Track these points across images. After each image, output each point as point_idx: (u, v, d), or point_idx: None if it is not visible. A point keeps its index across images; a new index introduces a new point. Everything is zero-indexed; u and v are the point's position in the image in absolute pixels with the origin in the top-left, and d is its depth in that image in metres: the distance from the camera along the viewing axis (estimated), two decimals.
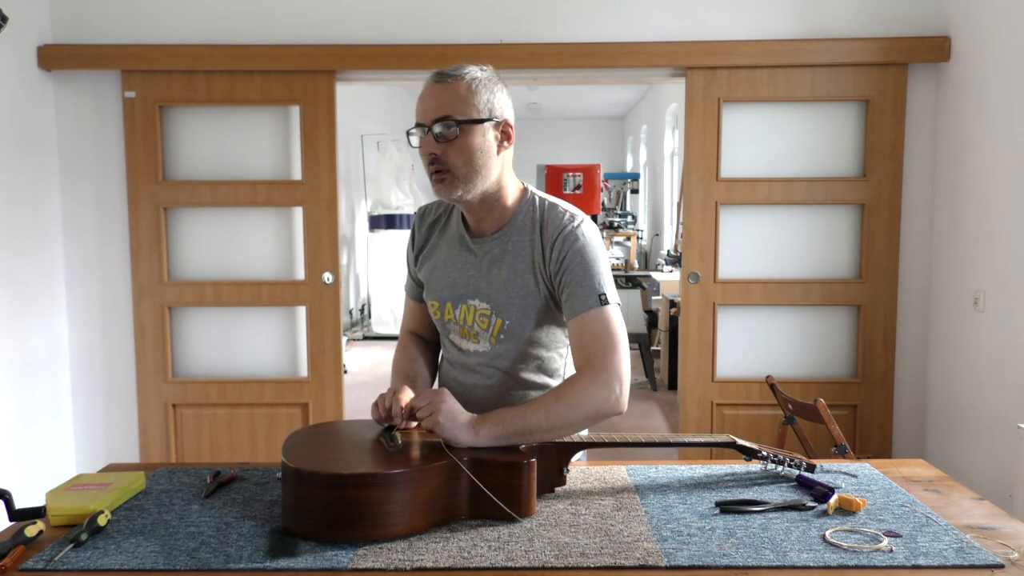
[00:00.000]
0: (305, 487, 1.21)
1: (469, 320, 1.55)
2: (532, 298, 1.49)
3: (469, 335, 1.56)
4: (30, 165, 3.30)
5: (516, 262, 1.50)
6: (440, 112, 1.43)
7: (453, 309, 1.56)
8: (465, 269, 1.55)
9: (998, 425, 2.90)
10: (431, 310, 1.61)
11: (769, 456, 1.48)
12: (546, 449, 1.38)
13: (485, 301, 1.53)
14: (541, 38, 3.37)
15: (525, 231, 1.51)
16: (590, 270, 1.44)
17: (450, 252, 1.58)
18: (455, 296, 1.56)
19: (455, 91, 1.43)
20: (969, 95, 3.15)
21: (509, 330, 1.51)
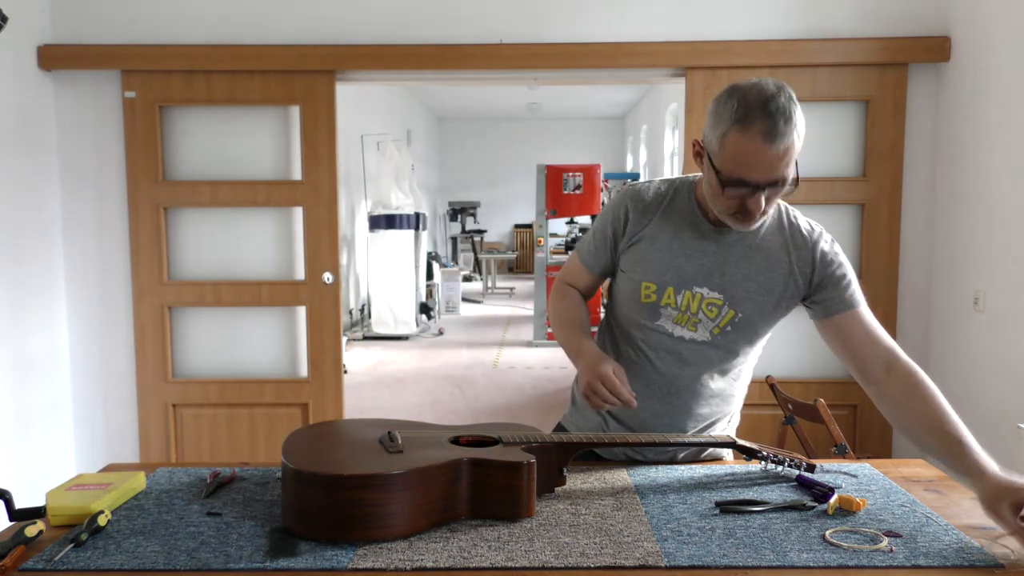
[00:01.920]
0: (305, 488, 1.21)
1: (694, 307, 1.51)
2: (772, 296, 1.52)
3: (687, 322, 1.53)
4: (30, 165, 3.30)
5: (761, 259, 1.51)
6: (776, 175, 1.37)
7: (675, 294, 1.52)
8: (696, 257, 1.51)
9: (998, 425, 2.90)
10: (643, 292, 1.53)
11: (769, 456, 1.48)
12: (546, 449, 1.38)
13: (717, 291, 1.51)
14: (541, 38, 3.37)
15: (774, 227, 1.53)
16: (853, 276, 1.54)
17: (678, 237, 1.53)
18: (680, 281, 1.52)
19: (790, 152, 1.37)
20: (969, 95, 3.15)
21: (740, 324, 1.52)
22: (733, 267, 1.51)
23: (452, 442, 1.38)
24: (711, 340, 1.54)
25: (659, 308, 1.54)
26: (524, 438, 1.40)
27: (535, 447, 1.37)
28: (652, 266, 1.54)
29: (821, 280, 1.52)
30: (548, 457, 1.38)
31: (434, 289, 9.62)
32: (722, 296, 1.51)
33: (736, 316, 1.51)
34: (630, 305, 1.58)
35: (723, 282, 1.51)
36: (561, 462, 1.40)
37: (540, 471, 1.32)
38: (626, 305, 1.59)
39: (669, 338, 1.55)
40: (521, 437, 1.40)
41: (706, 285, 1.51)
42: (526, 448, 1.35)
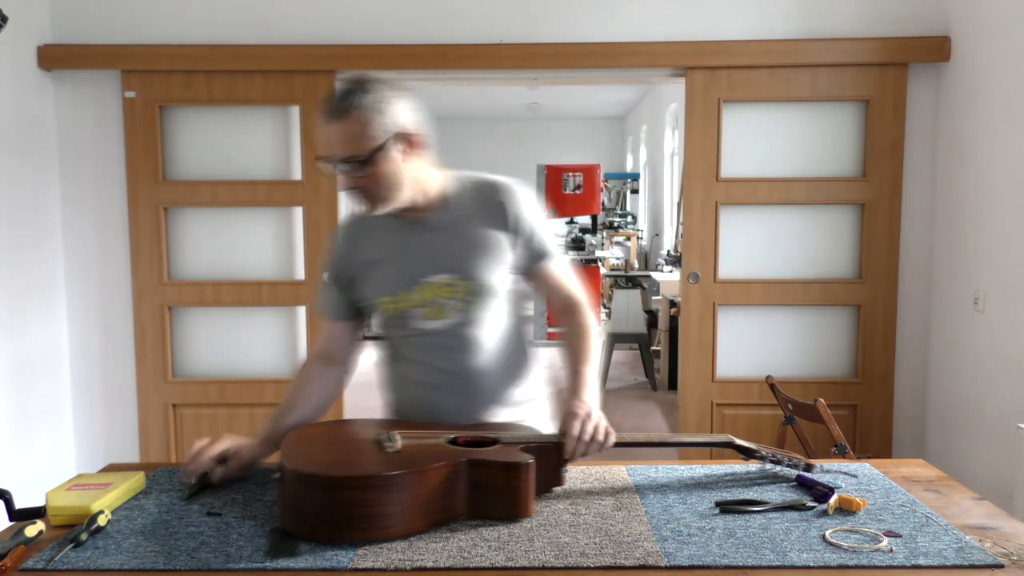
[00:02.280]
0: (303, 488, 1.21)
1: (429, 297, 1.56)
2: (491, 251, 1.56)
3: (436, 314, 1.56)
4: (30, 165, 3.30)
5: (463, 226, 1.56)
6: (344, 152, 1.43)
7: (408, 294, 1.56)
8: (409, 251, 1.57)
9: (998, 425, 2.90)
10: (383, 309, 1.59)
11: (767, 456, 1.48)
12: (544, 449, 1.37)
13: (444, 272, 1.55)
14: (541, 38, 3.37)
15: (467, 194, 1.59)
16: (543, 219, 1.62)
17: (382, 245, 1.58)
18: (407, 281, 1.56)
19: (351, 128, 1.43)
20: (969, 95, 3.15)
21: (476, 290, 1.55)
22: (445, 245, 1.56)
23: (450, 443, 1.37)
24: (464, 318, 1.57)
25: (405, 314, 1.57)
26: (522, 438, 1.39)
27: (533, 447, 1.36)
28: (376, 283, 1.58)
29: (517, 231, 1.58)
30: (546, 457, 1.37)
31: None
32: (450, 275, 1.55)
33: (470, 284, 1.55)
34: (383, 327, 1.64)
35: (445, 262, 1.56)
36: (559, 462, 1.40)
37: (538, 471, 1.32)
38: (387, 330, 1.65)
39: (429, 335, 1.58)
40: (519, 438, 1.40)
41: (430, 272, 1.56)
42: (524, 448, 1.35)
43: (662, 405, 5.54)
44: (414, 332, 1.58)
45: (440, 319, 1.56)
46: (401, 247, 1.57)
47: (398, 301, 1.57)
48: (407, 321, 1.58)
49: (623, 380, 6.27)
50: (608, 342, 5.96)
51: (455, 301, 1.55)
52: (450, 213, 1.57)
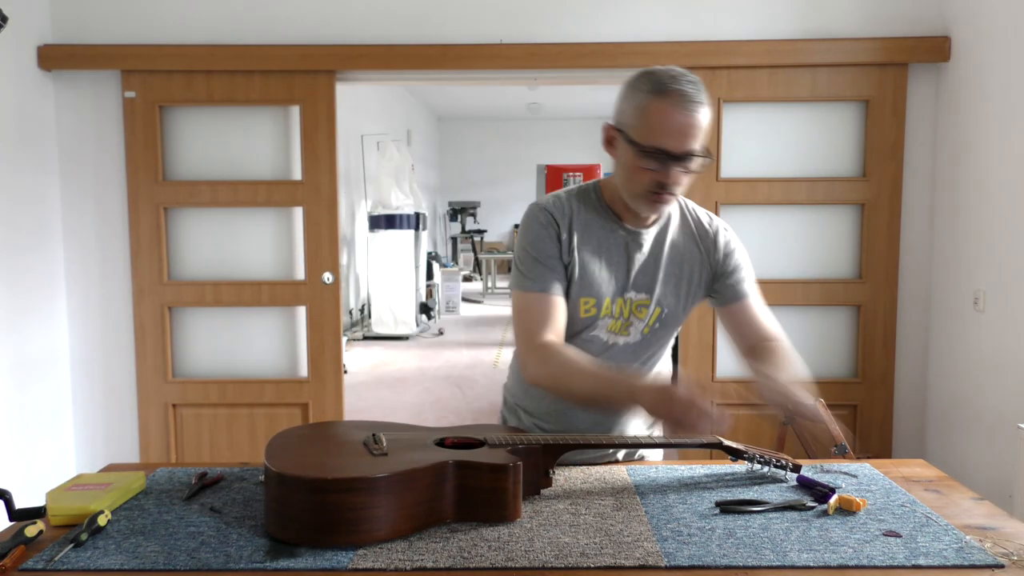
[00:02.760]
0: (288, 491, 1.20)
1: (626, 313, 1.54)
2: (691, 287, 1.58)
3: (620, 327, 1.54)
4: (30, 165, 3.30)
5: (675, 252, 1.57)
6: (694, 145, 1.40)
7: (611, 304, 1.54)
8: (621, 262, 1.54)
9: (998, 425, 2.90)
10: (582, 307, 1.52)
11: (755, 457, 1.47)
12: (531, 451, 1.37)
13: (644, 292, 1.55)
14: (541, 38, 3.37)
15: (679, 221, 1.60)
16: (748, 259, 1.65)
17: (600, 245, 1.53)
18: (615, 291, 1.54)
19: (703, 124, 1.40)
20: (969, 95, 3.15)
21: (665, 319, 1.56)
22: (652, 265, 1.55)
23: (437, 444, 1.37)
24: (641, 340, 1.57)
25: (598, 321, 1.55)
26: (510, 440, 1.39)
27: (521, 449, 1.36)
28: (588, 280, 1.53)
29: (724, 267, 1.61)
30: (534, 459, 1.37)
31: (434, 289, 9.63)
32: (648, 296, 1.55)
33: (663, 313, 1.56)
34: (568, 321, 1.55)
35: (647, 282, 1.55)
36: (547, 463, 1.39)
37: (526, 473, 1.31)
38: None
39: (603, 347, 1.56)
40: (507, 439, 1.39)
41: (634, 288, 1.54)
42: (512, 450, 1.35)
43: None
44: (592, 340, 1.55)
45: (623, 336, 1.56)
46: (615, 253, 1.54)
47: (600, 306, 1.53)
48: (594, 327, 1.54)
49: None
50: None
51: (641, 323, 1.55)
52: (660, 233, 1.57)
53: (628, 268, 1.54)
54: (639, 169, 1.42)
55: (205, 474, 1.48)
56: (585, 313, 1.54)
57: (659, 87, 1.39)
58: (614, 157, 1.50)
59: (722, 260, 1.60)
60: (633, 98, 1.43)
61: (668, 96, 1.38)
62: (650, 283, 1.54)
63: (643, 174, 1.42)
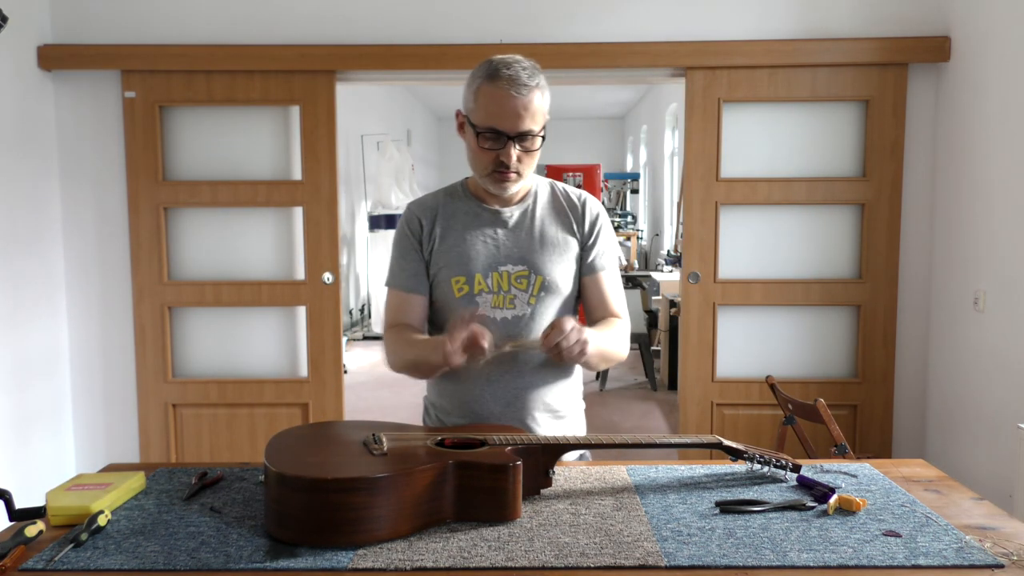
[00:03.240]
0: (288, 491, 1.20)
1: (505, 285, 1.61)
2: (566, 254, 1.65)
3: (504, 302, 1.61)
4: (30, 165, 3.30)
5: (546, 224, 1.65)
6: (526, 126, 1.52)
7: (484, 279, 1.61)
8: (490, 240, 1.63)
9: (998, 425, 2.90)
10: (455, 287, 1.61)
11: (755, 457, 1.47)
12: (531, 451, 1.37)
13: (520, 264, 1.62)
14: (541, 38, 3.37)
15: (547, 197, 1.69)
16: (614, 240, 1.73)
17: (467, 229, 1.64)
18: (485, 266, 1.61)
19: (534, 103, 1.52)
20: (969, 95, 3.15)
21: (548, 286, 1.62)
22: (525, 239, 1.64)
23: (437, 444, 1.37)
24: (532, 311, 1.62)
25: (475, 297, 1.61)
26: (510, 440, 1.39)
27: (521, 449, 1.36)
28: (454, 260, 1.62)
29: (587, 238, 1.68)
30: (534, 459, 1.37)
31: None
32: (526, 267, 1.62)
33: (545, 281, 1.62)
34: (448, 307, 1.64)
35: (522, 254, 1.62)
36: (547, 464, 1.39)
37: (526, 473, 1.32)
38: (444, 310, 1.66)
39: (493, 323, 1.60)
40: (507, 439, 1.39)
41: (508, 262, 1.62)
42: (512, 450, 1.35)
43: (662, 405, 5.54)
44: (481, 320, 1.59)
45: (508, 309, 1.61)
46: (482, 232, 1.63)
47: (472, 282, 1.61)
48: (474, 306, 1.61)
49: (623, 380, 6.26)
50: None
51: (525, 294, 1.61)
52: (528, 209, 1.66)
53: (496, 244, 1.62)
54: (480, 150, 1.55)
55: (205, 474, 1.48)
56: (459, 292, 1.61)
57: (491, 73, 1.52)
58: (464, 141, 1.62)
59: (587, 231, 1.67)
60: (471, 84, 1.57)
61: (498, 80, 1.51)
62: (524, 254, 1.62)
63: (484, 154, 1.55)
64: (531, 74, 1.52)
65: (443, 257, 1.63)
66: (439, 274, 1.63)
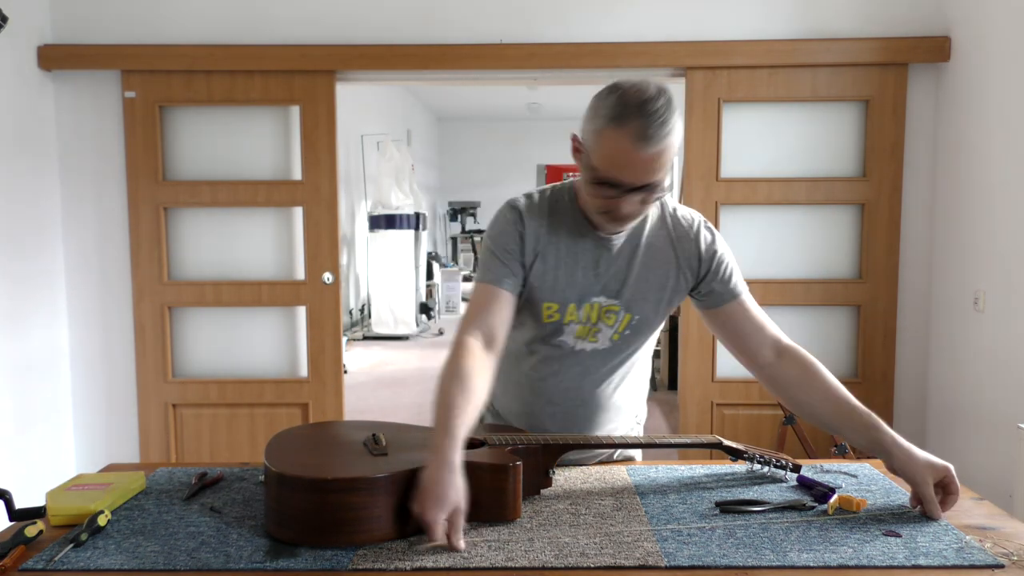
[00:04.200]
0: (288, 491, 1.20)
1: (593, 318, 1.49)
2: (664, 293, 1.51)
3: (588, 333, 1.51)
4: (30, 165, 3.30)
5: (649, 257, 1.50)
6: (649, 179, 1.33)
7: (577, 310, 1.49)
8: (590, 266, 1.48)
9: (998, 425, 2.90)
10: (544, 312, 1.49)
11: (755, 457, 1.47)
12: (531, 451, 1.37)
13: (613, 297, 1.49)
14: (541, 38, 3.37)
15: (657, 222, 1.52)
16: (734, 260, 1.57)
17: (569, 248, 1.48)
18: (580, 296, 1.48)
19: (664, 156, 1.31)
20: (969, 95, 3.15)
21: (637, 325, 1.51)
22: (625, 270, 1.49)
23: None
24: (611, 347, 1.52)
25: (563, 326, 1.50)
26: (510, 440, 1.39)
27: (521, 449, 1.36)
28: (550, 284, 1.48)
29: (707, 271, 1.53)
30: (534, 459, 1.37)
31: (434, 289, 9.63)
32: (618, 302, 1.49)
33: (633, 319, 1.50)
34: (528, 326, 1.53)
35: (617, 288, 1.49)
36: (547, 464, 1.39)
37: (526, 473, 1.31)
38: (523, 327, 1.54)
39: (571, 352, 1.52)
40: (507, 439, 1.39)
41: (603, 294, 1.49)
42: (512, 450, 1.35)
43: (662, 405, 5.54)
44: (559, 345, 1.52)
45: (591, 343, 1.51)
46: (584, 258, 1.48)
47: (564, 311, 1.49)
48: (559, 333, 1.51)
49: None
50: None
51: (610, 330, 1.51)
52: (634, 237, 1.50)
53: (596, 272, 1.48)
54: (595, 194, 1.38)
55: (205, 474, 1.48)
56: (548, 319, 1.50)
57: (619, 114, 1.29)
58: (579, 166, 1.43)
59: (704, 260, 1.52)
60: (594, 120, 1.34)
61: (626, 127, 1.28)
62: (620, 288, 1.49)
63: (597, 196, 1.38)
64: (665, 118, 1.28)
65: (540, 277, 1.48)
66: (532, 293, 1.49)
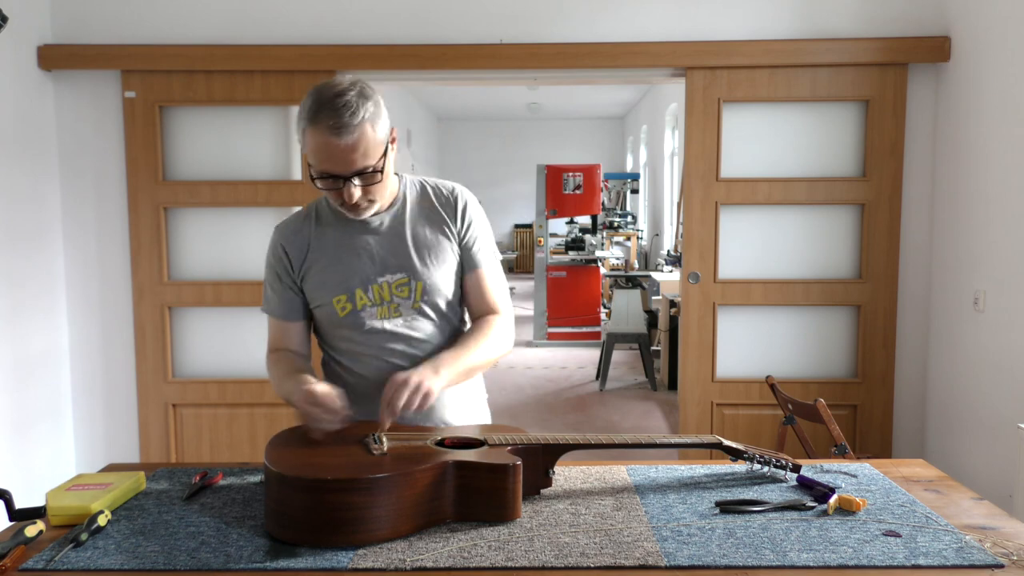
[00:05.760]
0: (288, 491, 1.20)
1: (387, 296, 1.57)
2: (443, 254, 1.60)
3: (389, 312, 1.58)
4: (30, 165, 3.30)
5: (421, 227, 1.60)
6: (357, 166, 1.43)
7: (365, 293, 1.57)
8: (363, 252, 1.57)
9: (998, 425, 2.90)
10: (338, 308, 1.57)
11: (755, 457, 1.47)
12: (532, 451, 1.37)
13: (399, 272, 1.57)
14: (541, 38, 3.37)
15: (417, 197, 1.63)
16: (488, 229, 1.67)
17: (338, 244, 1.58)
18: (362, 280, 1.57)
19: (363, 142, 1.41)
20: (969, 95, 3.15)
21: (429, 289, 1.58)
22: (399, 244, 1.58)
23: (437, 444, 1.37)
24: (416, 317, 1.59)
25: (359, 314, 1.58)
26: (510, 440, 1.39)
27: (521, 449, 1.36)
28: (331, 281, 1.58)
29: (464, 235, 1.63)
30: (534, 459, 1.37)
31: None
32: (404, 274, 1.58)
33: (425, 285, 1.58)
34: (334, 327, 1.61)
35: (399, 261, 1.58)
36: (547, 464, 1.39)
37: (526, 473, 1.32)
38: (332, 330, 1.62)
39: (385, 334, 1.59)
40: (507, 439, 1.39)
41: (387, 272, 1.58)
42: (512, 450, 1.35)
43: (662, 405, 5.54)
44: (371, 331, 1.58)
45: (397, 318, 1.58)
46: (353, 246, 1.58)
47: (354, 300, 1.57)
48: (361, 322, 1.58)
49: (623, 380, 6.26)
50: (608, 342, 5.96)
51: (408, 301, 1.58)
52: (399, 214, 1.60)
53: (371, 255, 1.57)
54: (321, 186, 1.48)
55: (205, 474, 1.48)
56: (343, 311, 1.58)
57: (314, 113, 1.41)
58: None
59: (462, 228, 1.62)
60: (299, 122, 1.45)
61: (320, 123, 1.40)
62: (401, 261, 1.57)
63: (324, 190, 1.49)
64: (356, 108, 1.40)
65: (319, 279, 1.58)
66: (318, 296, 1.59)
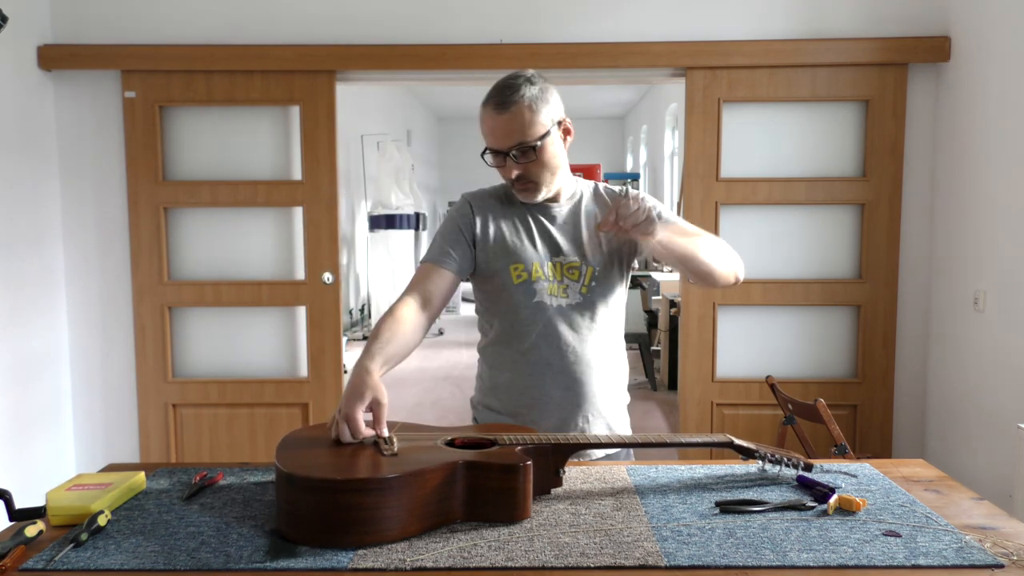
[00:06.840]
0: (299, 492, 1.20)
1: (559, 275, 1.68)
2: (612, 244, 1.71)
3: (560, 290, 1.68)
4: (30, 165, 3.30)
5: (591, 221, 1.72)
6: (513, 140, 1.58)
7: (541, 267, 1.68)
8: (543, 233, 1.70)
9: (998, 425, 2.90)
10: (514, 274, 1.67)
11: (766, 456, 1.47)
12: (542, 451, 1.37)
13: (572, 255, 1.69)
14: (541, 38, 3.37)
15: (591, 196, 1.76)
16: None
17: (522, 221, 1.71)
18: (541, 256, 1.69)
19: (519, 118, 1.57)
20: (969, 95, 3.15)
21: (600, 277, 1.69)
22: (573, 231, 1.71)
23: (447, 444, 1.37)
24: (582, 301, 1.68)
25: (533, 285, 1.67)
26: (520, 440, 1.39)
27: (531, 449, 1.36)
28: (512, 249, 1.69)
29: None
30: (544, 459, 1.37)
31: None
32: (577, 258, 1.69)
33: (595, 271, 1.69)
34: (507, 292, 1.69)
35: (572, 247, 1.70)
36: (558, 463, 1.39)
37: (536, 473, 1.31)
38: (501, 299, 1.70)
39: (551, 309, 1.67)
40: (517, 439, 1.39)
41: (561, 253, 1.69)
42: (522, 450, 1.35)
43: (662, 405, 5.54)
44: (538, 307, 1.66)
45: (563, 297, 1.67)
46: (533, 227, 1.71)
47: (531, 270, 1.67)
48: (533, 293, 1.67)
49: None
50: None
51: (577, 284, 1.68)
52: (575, 207, 1.73)
53: (549, 237, 1.70)
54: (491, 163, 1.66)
55: (205, 474, 1.48)
56: (518, 279, 1.68)
57: (487, 97, 1.61)
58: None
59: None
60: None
61: (486, 105, 1.61)
62: (576, 247, 1.70)
63: (494, 167, 1.66)
64: (517, 87, 1.58)
65: (500, 245, 1.69)
66: (495, 261, 1.68)
